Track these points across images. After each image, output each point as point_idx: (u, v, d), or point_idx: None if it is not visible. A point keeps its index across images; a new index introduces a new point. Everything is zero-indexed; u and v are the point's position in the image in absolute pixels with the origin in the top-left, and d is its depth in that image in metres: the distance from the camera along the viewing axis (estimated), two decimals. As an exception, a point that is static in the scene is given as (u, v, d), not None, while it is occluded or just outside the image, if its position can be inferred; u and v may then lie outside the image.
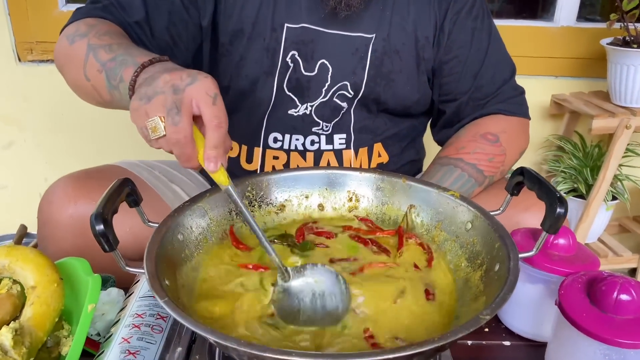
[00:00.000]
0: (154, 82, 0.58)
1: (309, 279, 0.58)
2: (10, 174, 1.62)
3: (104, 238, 0.48)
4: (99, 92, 0.76)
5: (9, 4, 1.44)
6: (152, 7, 0.86)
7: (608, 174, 1.32)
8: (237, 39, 0.93)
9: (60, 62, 0.86)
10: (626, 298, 0.60)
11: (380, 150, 1.01)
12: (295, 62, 0.94)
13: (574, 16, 1.47)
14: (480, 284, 0.55)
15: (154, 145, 0.58)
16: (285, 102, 0.96)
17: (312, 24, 0.92)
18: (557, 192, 0.53)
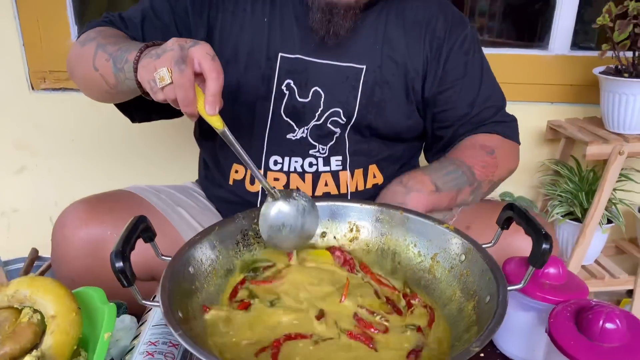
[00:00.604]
0: (164, 45, 0.70)
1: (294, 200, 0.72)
2: (22, 198, 1.65)
3: (123, 274, 0.52)
4: (105, 78, 0.84)
5: (23, 35, 1.48)
6: (148, 28, 0.95)
7: (602, 199, 1.35)
8: (232, 65, 0.97)
9: (71, 65, 0.95)
10: (611, 327, 0.63)
11: (375, 172, 1.05)
12: (290, 89, 0.99)
13: (567, 45, 1.51)
14: (473, 314, 0.59)
15: (158, 95, 0.70)
16: (283, 126, 1.00)
17: (305, 54, 0.96)
18: (543, 230, 0.57)
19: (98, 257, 0.88)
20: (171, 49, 0.68)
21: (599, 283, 1.48)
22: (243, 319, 0.61)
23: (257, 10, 0.96)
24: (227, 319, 0.60)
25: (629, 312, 0.66)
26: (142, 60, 0.73)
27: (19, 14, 1.46)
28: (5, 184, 1.63)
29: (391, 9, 0.99)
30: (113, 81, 0.83)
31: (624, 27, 1.26)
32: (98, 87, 0.89)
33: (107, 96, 0.91)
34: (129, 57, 0.77)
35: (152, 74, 0.69)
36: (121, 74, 0.80)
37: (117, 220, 0.90)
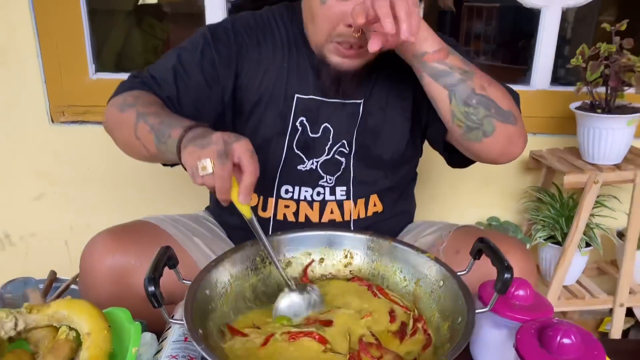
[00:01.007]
0: (209, 136, 0.77)
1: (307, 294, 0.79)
2: (40, 223, 1.74)
3: (154, 297, 0.62)
4: (147, 147, 0.92)
5: (45, 73, 1.58)
6: (181, 85, 1.01)
7: (580, 224, 1.45)
8: (257, 107, 1.07)
9: (110, 126, 1.01)
10: (567, 341, 0.72)
11: (375, 201, 1.13)
12: (303, 126, 1.08)
13: (548, 81, 1.62)
14: (447, 333, 0.69)
15: (198, 180, 0.76)
16: (294, 159, 1.09)
17: (317, 95, 1.06)
18: (506, 261, 0.67)
19: (122, 284, 0.96)
20: (215, 143, 0.75)
21: (579, 302, 1.57)
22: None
23: (277, 57, 1.05)
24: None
25: (582, 328, 0.75)
26: (188, 147, 0.79)
27: (41, 54, 1.56)
28: (25, 210, 1.72)
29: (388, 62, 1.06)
30: (154, 151, 0.91)
31: (596, 68, 1.37)
32: (138, 152, 0.97)
33: (146, 159, 0.99)
34: (172, 134, 0.85)
35: (195, 162, 0.75)
36: (163, 146, 0.87)
37: (139, 250, 0.98)
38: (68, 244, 1.77)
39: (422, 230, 1.17)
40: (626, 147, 1.44)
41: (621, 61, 1.33)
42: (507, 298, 0.83)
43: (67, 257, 1.77)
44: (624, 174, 1.44)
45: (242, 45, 1.04)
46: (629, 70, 1.34)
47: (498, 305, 0.81)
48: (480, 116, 0.90)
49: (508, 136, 0.94)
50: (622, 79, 1.36)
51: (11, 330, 0.74)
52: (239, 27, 1.05)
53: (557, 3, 1.54)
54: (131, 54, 1.93)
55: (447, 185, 1.72)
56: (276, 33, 1.06)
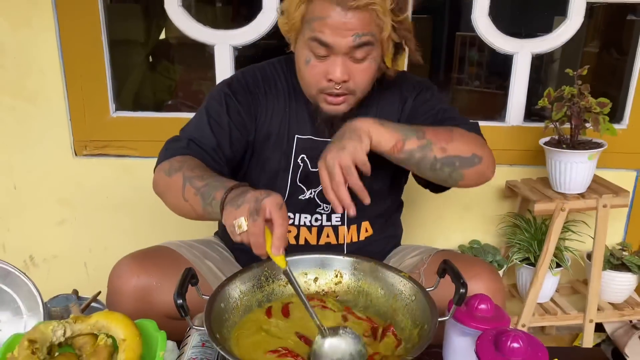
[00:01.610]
0: (244, 195, 0.84)
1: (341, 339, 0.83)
2: (61, 246, 1.88)
3: (182, 308, 0.78)
4: (194, 208, 0.98)
5: (70, 111, 1.73)
6: (218, 135, 1.12)
7: (550, 247, 1.61)
8: (265, 145, 1.20)
9: (160, 190, 1.09)
10: (516, 345, 0.87)
11: (367, 227, 1.26)
12: (304, 162, 1.21)
13: (521, 118, 1.78)
14: (416, 337, 0.84)
15: (236, 238, 0.82)
16: (297, 190, 1.21)
17: (314, 136, 1.20)
18: (462, 279, 0.83)
19: (145, 301, 1.09)
20: (248, 202, 0.82)
21: (552, 318, 1.72)
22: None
23: (280, 104, 1.19)
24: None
25: (529, 334, 0.91)
26: (227, 207, 0.86)
27: (68, 95, 1.72)
28: (48, 234, 1.87)
29: (374, 102, 1.21)
30: (201, 212, 0.97)
31: (560, 108, 1.55)
32: (187, 213, 1.04)
33: (195, 218, 1.05)
34: (216, 196, 0.91)
35: (232, 221, 0.82)
36: (209, 207, 0.93)
37: (160, 272, 1.11)
38: (87, 265, 1.93)
39: (407, 253, 1.32)
40: (589, 178, 1.61)
41: (580, 103, 1.51)
42: (471, 311, 0.99)
43: (86, 278, 1.92)
44: (588, 202, 1.60)
45: (255, 95, 1.19)
46: (588, 111, 1.52)
47: (464, 317, 0.97)
48: (447, 173, 1.03)
49: (477, 173, 1.07)
50: (583, 118, 1.54)
51: (61, 337, 0.90)
52: (249, 79, 1.20)
53: (527, 49, 1.72)
54: (147, 94, 2.10)
55: (433, 212, 1.88)
56: (278, 84, 1.21)
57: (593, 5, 1.69)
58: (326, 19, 1.01)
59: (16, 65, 1.70)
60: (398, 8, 1.05)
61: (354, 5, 0.99)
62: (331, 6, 1.01)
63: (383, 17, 1.03)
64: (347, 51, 1.04)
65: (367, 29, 1.03)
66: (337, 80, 1.05)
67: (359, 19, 1.01)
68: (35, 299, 1.02)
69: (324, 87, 1.09)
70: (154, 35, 2.03)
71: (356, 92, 1.11)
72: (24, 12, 1.64)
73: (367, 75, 1.10)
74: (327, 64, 1.06)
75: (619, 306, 1.77)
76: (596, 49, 2.69)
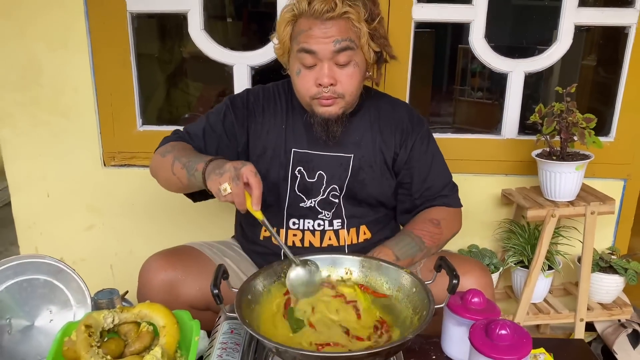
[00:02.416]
0: (224, 166, 1.02)
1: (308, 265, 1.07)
2: (89, 249, 2.01)
3: (217, 297, 0.92)
4: (181, 180, 1.17)
5: (100, 125, 1.88)
6: (207, 139, 1.31)
7: (542, 251, 1.74)
8: (262, 157, 1.33)
9: (154, 169, 1.28)
10: (504, 332, 0.98)
11: (365, 230, 1.39)
12: (301, 173, 1.33)
13: (515, 131, 1.91)
14: (417, 323, 0.98)
15: (222, 199, 1.01)
16: (297, 198, 1.34)
17: (310, 149, 1.33)
18: (455, 271, 0.97)
19: (172, 294, 1.23)
20: (229, 170, 1.00)
21: (545, 317, 1.84)
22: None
23: (277, 120, 1.34)
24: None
25: (515, 323, 1.04)
26: (210, 176, 1.04)
27: (98, 110, 1.88)
28: (77, 238, 2.01)
29: (370, 113, 1.36)
30: (186, 182, 1.16)
31: (550, 123, 1.69)
32: (175, 185, 1.22)
33: (181, 190, 1.25)
34: (198, 168, 1.11)
35: (217, 187, 1.01)
36: (193, 178, 1.13)
37: (185, 267, 1.25)
38: (113, 267, 2.07)
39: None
40: (577, 187, 1.73)
41: (568, 119, 1.65)
42: (465, 304, 1.12)
43: (111, 279, 2.07)
44: (577, 209, 1.73)
45: (252, 111, 1.35)
46: (575, 125, 1.65)
47: (459, 309, 1.11)
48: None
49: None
50: (571, 132, 1.68)
51: (110, 324, 1.04)
52: (251, 97, 1.37)
53: (521, 68, 1.86)
54: (170, 109, 2.25)
55: (434, 218, 2.01)
56: (277, 102, 1.36)
57: (581, 28, 1.83)
58: (309, 30, 1.19)
59: (52, 84, 1.85)
60: (371, 17, 1.21)
61: (330, 15, 1.17)
62: (312, 20, 1.18)
63: (358, 25, 1.19)
64: (331, 56, 1.19)
65: (345, 35, 1.19)
66: (324, 84, 1.21)
67: (337, 27, 1.18)
68: (83, 293, 1.16)
69: (315, 93, 1.23)
70: (176, 55, 2.19)
71: (345, 95, 1.24)
72: (61, 36, 1.80)
73: (353, 79, 1.24)
74: (315, 72, 1.22)
75: (608, 306, 1.89)
76: (594, 62, 2.84)
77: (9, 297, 1.12)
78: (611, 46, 2.05)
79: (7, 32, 1.78)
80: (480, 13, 1.78)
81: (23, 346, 1.11)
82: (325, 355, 0.87)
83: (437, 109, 3.59)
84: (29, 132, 1.90)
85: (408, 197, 1.40)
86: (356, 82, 1.25)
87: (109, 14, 1.78)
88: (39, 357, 1.09)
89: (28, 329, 1.12)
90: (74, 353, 0.98)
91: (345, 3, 1.17)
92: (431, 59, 3.34)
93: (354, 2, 1.18)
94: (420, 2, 1.77)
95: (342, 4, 1.16)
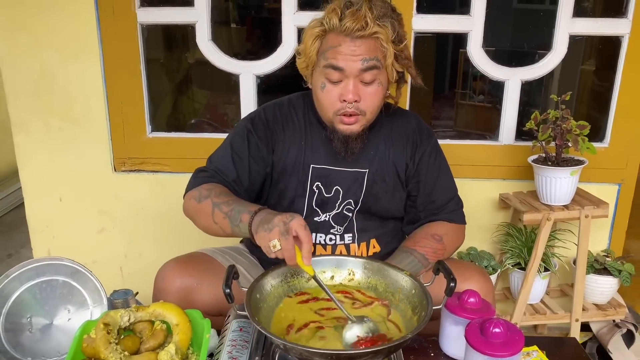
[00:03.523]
0: (272, 220, 1.01)
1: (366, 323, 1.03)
2: (100, 252, 2.07)
3: (229, 296, 0.98)
4: (223, 230, 1.16)
5: (112, 132, 1.94)
6: (239, 168, 1.30)
7: (538, 253, 1.79)
8: (283, 175, 1.34)
9: (191, 214, 1.26)
10: (497, 330, 1.03)
11: (374, 244, 1.41)
12: (318, 188, 1.35)
13: (512, 137, 1.97)
14: (415, 322, 1.04)
15: (272, 255, 1.00)
16: (313, 213, 1.36)
17: (328, 165, 1.34)
18: (452, 275, 1.03)
19: (187, 300, 1.26)
20: (277, 225, 0.99)
21: (542, 317, 1.90)
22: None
23: (297, 137, 1.34)
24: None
25: (508, 321, 1.09)
26: (259, 232, 1.03)
27: (109, 117, 1.94)
28: (89, 241, 2.07)
29: (384, 128, 1.37)
30: (230, 232, 1.15)
31: (545, 130, 1.75)
32: (217, 233, 1.21)
33: (222, 236, 1.22)
34: (243, 219, 1.10)
35: (267, 243, 1.00)
36: (237, 229, 1.12)
37: (199, 274, 1.28)
38: (122, 269, 2.13)
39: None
40: (572, 191, 1.79)
41: (562, 126, 1.71)
42: (462, 304, 1.18)
43: (121, 280, 2.13)
44: (572, 212, 1.79)
45: (273, 130, 1.35)
46: (569, 132, 1.71)
47: (456, 309, 1.16)
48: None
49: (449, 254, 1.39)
50: (565, 139, 1.74)
51: (127, 322, 1.10)
52: (269, 117, 1.36)
53: (517, 77, 1.93)
54: (178, 116, 2.32)
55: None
56: (295, 119, 1.36)
57: (576, 37, 1.89)
58: (338, 47, 1.20)
59: (65, 92, 1.92)
60: (398, 39, 1.23)
61: (360, 34, 1.18)
62: (342, 37, 1.19)
63: (386, 45, 1.20)
64: (357, 74, 1.20)
65: (373, 54, 1.20)
66: (349, 100, 1.22)
67: (366, 46, 1.19)
68: (100, 293, 1.23)
69: (339, 109, 1.24)
70: (184, 64, 2.26)
71: (366, 113, 1.26)
72: (74, 46, 1.87)
73: (376, 97, 1.25)
74: (340, 87, 1.23)
75: (602, 307, 1.95)
76: (592, 68, 2.90)
77: (30, 297, 1.18)
78: (606, 54, 2.11)
79: (22, 43, 1.85)
80: (478, 23, 1.85)
81: (43, 344, 1.17)
82: (329, 352, 0.93)
83: (438, 113, 3.65)
84: (43, 139, 1.97)
85: (413, 209, 1.42)
86: (378, 101, 1.27)
87: (120, 26, 1.85)
88: (59, 354, 1.15)
89: (47, 328, 1.18)
90: (93, 350, 1.04)
91: (376, 23, 1.18)
92: (432, 63, 3.39)
93: (384, 22, 1.19)
94: (420, 13, 1.84)
95: (373, 23, 1.17)
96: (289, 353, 0.97)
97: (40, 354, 1.15)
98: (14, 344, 1.15)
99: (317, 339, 1.04)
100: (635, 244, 2.92)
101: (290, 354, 0.98)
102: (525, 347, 1.18)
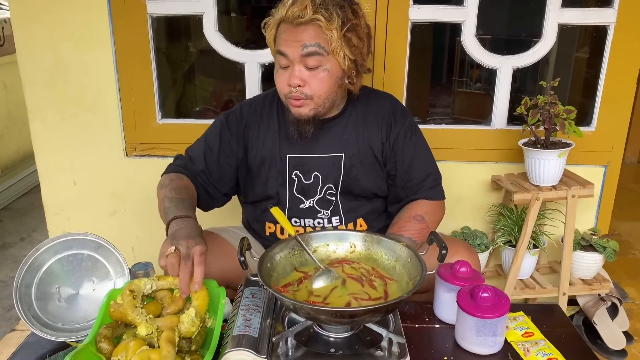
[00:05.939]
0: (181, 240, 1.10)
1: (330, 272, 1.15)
2: (112, 233, 2.05)
3: (243, 264, 1.09)
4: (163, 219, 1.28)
5: (123, 118, 2.03)
6: (208, 161, 1.40)
7: (528, 231, 1.90)
8: (261, 167, 1.41)
9: (157, 194, 1.39)
10: (486, 295, 1.14)
11: (361, 223, 1.48)
12: (297, 177, 1.41)
13: (504, 122, 2.07)
14: (410, 286, 1.15)
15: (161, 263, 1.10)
16: (297, 200, 1.42)
17: (304, 153, 1.40)
18: (443, 243, 1.14)
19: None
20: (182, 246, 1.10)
21: (531, 292, 2.01)
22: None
23: (271, 130, 1.41)
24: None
25: (495, 287, 1.20)
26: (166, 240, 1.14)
27: (121, 105, 2.03)
28: (101, 223, 2.17)
29: (357, 111, 1.41)
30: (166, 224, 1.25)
31: (534, 115, 1.85)
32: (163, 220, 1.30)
33: None
34: (167, 219, 1.23)
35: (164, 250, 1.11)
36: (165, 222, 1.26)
37: (209, 250, 1.31)
38: (134, 250, 2.24)
39: None
40: (560, 172, 1.89)
41: (551, 111, 1.81)
42: (454, 273, 1.29)
43: (133, 260, 2.20)
44: (559, 192, 1.90)
45: (246, 126, 1.43)
46: (557, 117, 1.82)
47: (449, 277, 1.27)
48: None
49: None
50: (553, 123, 1.84)
51: (149, 290, 1.21)
52: (245, 112, 1.45)
53: (509, 64, 2.02)
54: (186, 103, 2.42)
55: (430, 202, 2.18)
56: (270, 112, 1.43)
57: (565, 27, 1.98)
58: (283, 34, 1.27)
59: (78, 81, 2.01)
60: (347, 27, 1.25)
61: (300, 21, 1.23)
62: (287, 25, 1.26)
63: (328, 32, 1.23)
64: (300, 59, 1.26)
65: (314, 40, 1.24)
66: (293, 84, 1.29)
67: (307, 33, 1.24)
68: (122, 265, 1.33)
69: (287, 92, 1.30)
70: (192, 53, 2.35)
71: (313, 97, 1.29)
72: (87, 36, 1.96)
73: (323, 83, 1.29)
74: (287, 72, 1.29)
75: (588, 281, 2.06)
76: (586, 55, 3.00)
77: (59, 269, 1.29)
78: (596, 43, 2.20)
79: (37, 34, 1.94)
80: (472, 13, 1.94)
81: (70, 312, 1.27)
82: (332, 309, 1.04)
83: (435, 100, 3.74)
84: (57, 126, 2.06)
85: (394, 188, 1.47)
86: (326, 86, 1.30)
87: (131, 17, 1.93)
88: (86, 320, 1.26)
89: (74, 297, 1.29)
90: (120, 314, 1.15)
91: (315, 10, 1.22)
92: (430, 51, 3.46)
93: (327, 10, 1.23)
94: (417, 4, 1.93)
95: (311, 11, 1.22)
96: (298, 312, 1.08)
97: (69, 320, 1.26)
98: (45, 312, 1.25)
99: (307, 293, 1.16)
100: (624, 225, 3.05)
101: (299, 313, 1.09)
102: (512, 313, 1.29)
